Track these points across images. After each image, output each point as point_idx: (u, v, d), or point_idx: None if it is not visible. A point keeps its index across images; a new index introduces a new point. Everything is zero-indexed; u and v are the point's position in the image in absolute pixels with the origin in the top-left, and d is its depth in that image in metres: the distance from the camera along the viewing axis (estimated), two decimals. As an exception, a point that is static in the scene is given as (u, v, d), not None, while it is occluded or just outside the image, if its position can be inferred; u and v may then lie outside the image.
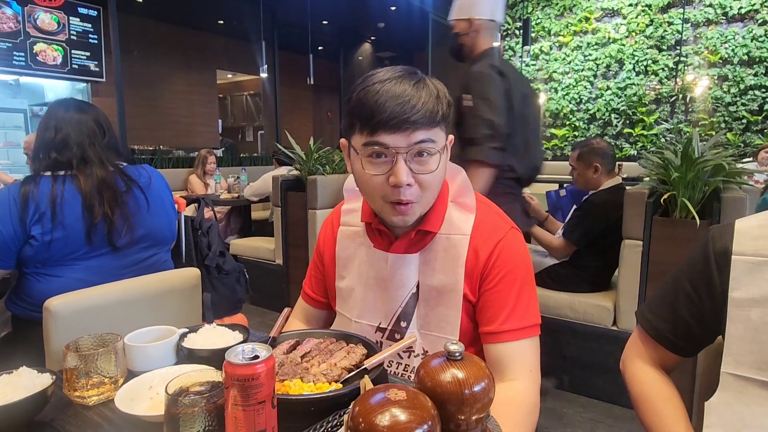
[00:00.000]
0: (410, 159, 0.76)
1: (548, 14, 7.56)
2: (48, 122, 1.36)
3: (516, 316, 0.82)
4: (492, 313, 0.83)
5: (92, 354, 0.72)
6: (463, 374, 0.37)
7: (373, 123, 0.75)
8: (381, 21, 7.88)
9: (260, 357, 0.54)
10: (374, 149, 0.76)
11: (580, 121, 7.44)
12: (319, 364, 0.75)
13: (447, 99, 0.79)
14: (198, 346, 0.82)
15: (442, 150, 0.78)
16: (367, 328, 0.91)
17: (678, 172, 1.96)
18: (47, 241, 1.25)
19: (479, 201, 0.90)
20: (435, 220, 0.86)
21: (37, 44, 5.37)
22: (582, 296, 2.27)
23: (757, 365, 0.66)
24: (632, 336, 0.88)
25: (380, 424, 0.31)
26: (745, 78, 6.13)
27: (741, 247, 0.70)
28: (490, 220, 0.87)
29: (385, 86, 0.75)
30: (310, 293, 1.06)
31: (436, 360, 0.40)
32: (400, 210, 0.79)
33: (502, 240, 0.84)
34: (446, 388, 0.37)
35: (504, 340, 0.82)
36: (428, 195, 0.80)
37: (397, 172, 0.75)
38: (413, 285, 0.87)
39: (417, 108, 0.74)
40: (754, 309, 0.67)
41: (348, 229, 0.97)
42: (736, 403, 0.68)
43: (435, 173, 0.78)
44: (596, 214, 2.23)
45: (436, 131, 0.77)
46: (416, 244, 0.87)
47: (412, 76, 0.78)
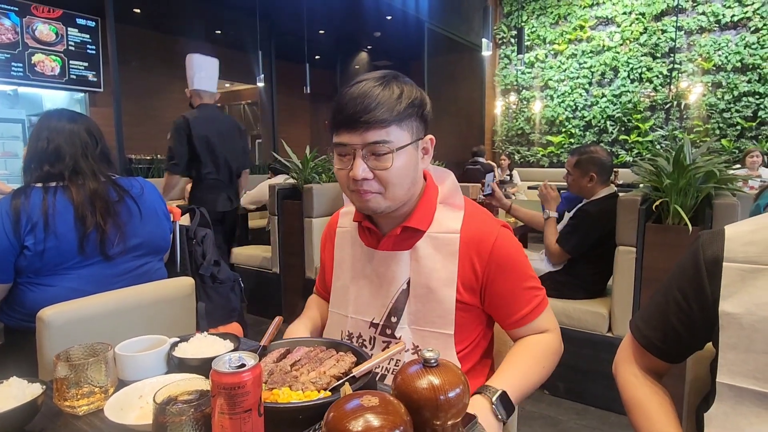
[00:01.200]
0: (367, 155, 0.82)
1: (543, 23, 7.63)
2: (40, 133, 1.36)
3: (530, 299, 0.91)
4: (510, 307, 0.91)
5: (82, 364, 0.73)
6: (439, 381, 0.38)
7: (335, 122, 0.83)
8: (377, 30, 7.94)
9: (246, 365, 0.55)
10: (338, 143, 0.84)
11: (576, 128, 7.48)
12: (308, 372, 0.76)
13: (410, 100, 0.82)
14: (189, 355, 0.82)
15: (401, 149, 0.82)
16: (362, 323, 0.95)
17: (670, 178, 1.98)
18: (40, 250, 1.25)
19: (467, 202, 0.96)
20: (422, 218, 0.91)
21: (35, 55, 5.40)
22: (577, 303, 2.28)
23: (753, 375, 0.66)
24: (624, 341, 0.89)
25: (353, 429, 0.32)
26: (739, 85, 6.19)
27: (732, 253, 0.69)
28: (479, 219, 0.92)
29: (352, 88, 0.82)
30: (320, 289, 1.15)
31: (413, 367, 0.41)
32: (360, 197, 0.85)
33: (497, 240, 0.89)
34: (422, 394, 0.38)
35: (527, 322, 0.92)
36: (392, 190, 0.84)
37: (354, 167, 0.82)
38: (404, 281, 0.91)
39: (370, 108, 0.79)
40: (746, 317, 0.66)
41: (343, 229, 1.03)
42: (733, 414, 0.67)
43: (391, 170, 0.82)
44: (590, 224, 2.24)
45: (391, 130, 0.81)
46: (404, 241, 0.91)
47: (380, 79, 0.83)
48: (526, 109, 8.00)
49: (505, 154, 7.49)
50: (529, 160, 8.06)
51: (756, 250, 0.67)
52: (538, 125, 7.93)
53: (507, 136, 8.28)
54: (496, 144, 8.42)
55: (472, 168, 5.81)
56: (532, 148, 8.03)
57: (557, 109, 7.62)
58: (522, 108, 8.04)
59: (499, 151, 8.28)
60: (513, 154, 8.15)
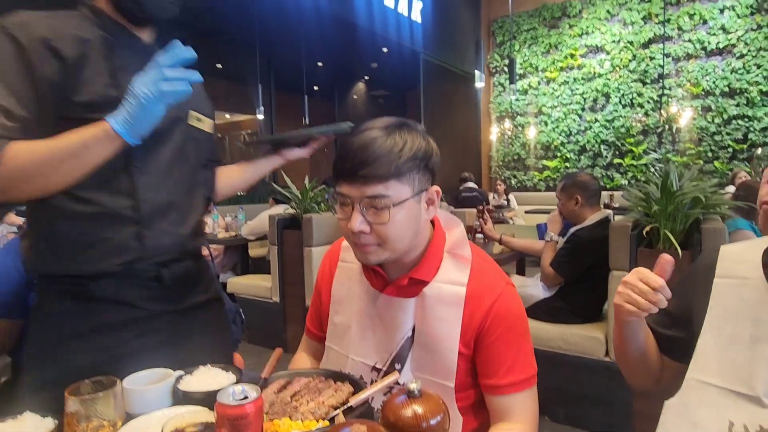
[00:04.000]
0: (366, 208, 0.80)
1: (535, 52, 7.85)
2: None
3: (516, 370, 0.86)
4: (493, 367, 0.86)
5: (92, 398, 0.76)
6: (422, 409, 0.42)
7: (336, 172, 0.83)
8: (374, 61, 8.15)
9: (249, 398, 0.59)
10: (339, 193, 0.83)
11: (571, 152, 7.61)
12: (307, 402, 0.79)
13: (411, 153, 0.81)
14: (193, 388, 0.86)
15: (399, 205, 0.80)
16: (363, 367, 0.93)
17: (658, 205, 2.03)
18: None
19: (475, 254, 0.93)
20: (428, 269, 0.89)
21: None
22: (574, 328, 2.30)
23: (720, 373, 0.74)
24: None
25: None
26: (728, 108, 6.33)
27: (723, 269, 0.79)
28: (486, 275, 0.90)
29: (356, 138, 0.81)
30: (312, 329, 1.10)
31: (399, 397, 0.45)
32: (360, 249, 0.85)
33: (500, 297, 0.87)
34: (406, 422, 0.42)
35: (506, 393, 0.86)
36: (392, 243, 0.83)
37: (351, 221, 0.81)
38: (409, 329, 0.90)
39: (368, 162, 0.78)
40: (728, 325, 0.75)
41: (346, 265, 1.01)
42: (693, 406, 0.75)
43: (389, 224, 0.80)
44: (584, 250, 2.29)
45: (390, 184, 0.79)
46: (410, 289, 0.90)
47: (384, 129, 0.82)
48: (521, 134, 8.15)
49: (501, 179, 7.59)
50: (525, 184, 8.16)
51: (744, 267, 0.77)
52: (533, 150, 8.06)
53: (503, 162, 8.40)
54: (493, 169, 8.54)
55: (469, 195, 5.88)
56: (528, 173, 8.15)
57: (552, 135, 7.76)
58: (517, 134, 8.19)
59: (496, 176, 8.40)
60: (510, 179, 8.26)
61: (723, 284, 0.79)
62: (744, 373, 0.72)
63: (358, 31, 5.65)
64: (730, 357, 0.74)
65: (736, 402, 0.72)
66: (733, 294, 0.77)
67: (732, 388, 0.73)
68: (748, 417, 0.70)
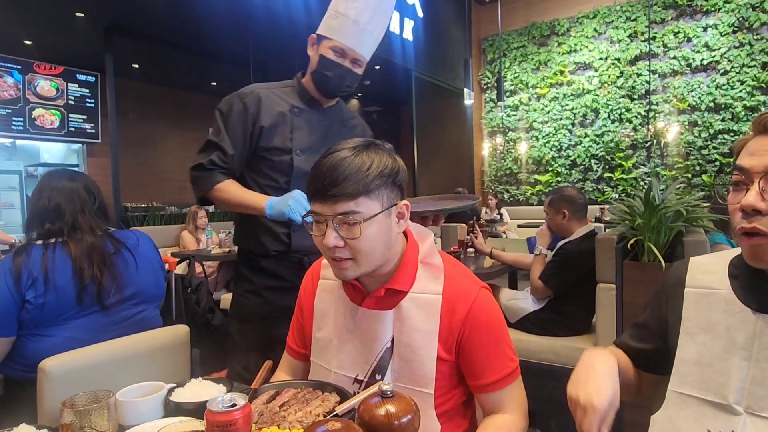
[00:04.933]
0: (339, 225, 0.85)
1: (525, 68, 8.00)
2: (41, 192, 1.45)
3: (499, 367, 0.91)
4: (478, 369, 0.91)
5: (87, 410, 0.79)
6: (394, 409, 0.46)
7: (309, 192, 0.87)
8: (367, 79, 8.26)
9: (237, 405, 0.62)
10: (313, 212, 0.87)
11: (562, 166, 7.71)
12: (295, 412, 0.82)
13: (378, 171, 0.85)
14: (184, 399, 0.88)
15: (369, 219, 0.84)
16: (345, 379, 0.96)
17: (642, 218, 2.09)
18: (41, 303, 1.31)
19: (446, 261, 0.98)
20: (404, 280, 0.93)
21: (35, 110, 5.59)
22: (563, 340, 2.33)
23: (698, 384, 0.76)
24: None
25: (319, 447, 0.39)
26: (714, 123, 6.46)
27: (693, 280, 0.82)
28: (459, 281, 0.94)
29: (325, 159, 0.86)
30: (293, 346, 1.12)
31: (373, 398, 0.48)
32: (336, 265, 0.89)
33: (475, 301, 0.91)
34: (379, 420, 0.45)
35: (495, 390, 0.92)
36: (365, 257, 0.87)
37: (326, 236, 0.85)
38: (388, 340, 0.93)
39: (338, 182, 0.82)
40: (701, 335, 0.78)
41: (327, 282, 1.05)
42: (676, 418, 0.77)
43: (360, 239, 0.84)
44: (572, 263, 2.33)
45: (360, 201, 0.83)
46: (387, 300, 0.93)
47: (353, 150, 0.86)
48: (512, 149, 8.25)
49: (492, 194, 7.66)
50: (518, 198, 8.24)
51: (713, 278, 0.80)
52: (525, 165, 8.15)
53: (496, 176, 8.48)
54: (486, 184, 8.62)
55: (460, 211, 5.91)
56: (520, 187, 8.23)
57: (543, 149, 7.87)
58: (509, 149, 8.30)
59: (488, 191, 8.48)
60: (502, 194, 8.34)
61: (693, 294, 0.81)
62: (717, 382, 0.75)
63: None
64: (705, 367, 0.76)
65: (713, 411, 0.74)
66: (704, 304, 0.79)
67: (707, 398, 0.75)
68: (724, 425, 0.72)
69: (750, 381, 0.72)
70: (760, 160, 0.69)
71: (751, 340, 0.73)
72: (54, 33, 5.23)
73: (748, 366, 0.73)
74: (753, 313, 0.74)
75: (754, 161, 0.70)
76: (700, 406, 0.75)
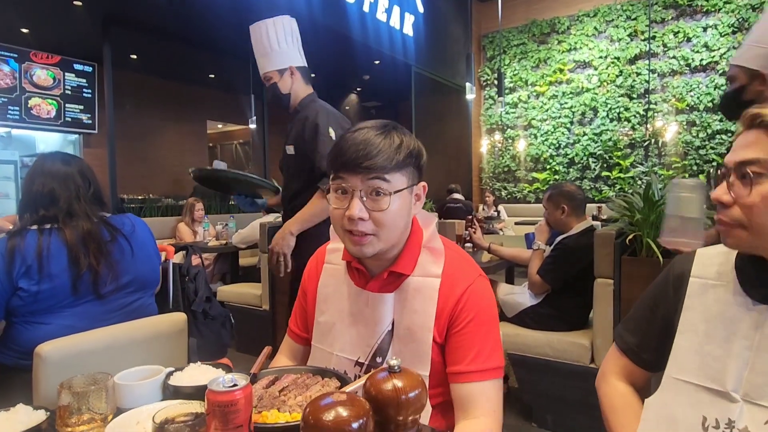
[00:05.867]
0: (365, 197, 0.85)
1: (524, 66, 7.99)
2: (34, 177, 1.41)
3: (481, 358, 0.89)
4: (459, 354, 0.90)
5: (84, 391, 0.78)
6: (401, 383, 0.45)
7: (336, 164, 0.87)
8: (366, 74, 8.24)
9: (239, 385, 0.62)
10: (337, 184, 0.87)
11: (560, 165, 7.72)
12: (295, 396, 0.82)
13: (408, 150, 0.88)
14: (183, 383, 0.88)
15: (397, 193, 0.86)
16: (347, 362, 0.97)
17: (641, 213, 2.09)
18: (35, 291, 1.30)
19: (447, 247, 0.98)
20: (407, 263, 0.94)
21: (32, 99, 5.54)
22: (560, 335, 2.33)
23: (696, 371, 0.77)
24: (609, 352, 0.98)
25: (326, 419, 0.39)
26: (712, 123, 6.48)
27: (698, 270, 0.83)
28: (458, 266, 0.95)
29: (354, 135, 0.87)
30: (295, 329, 1.13)
31: (380, 373, 0.48)
32: (354, 240, 0.88)
33: (471, 286, 0.92)
34: (387, 395, 0.45)
35: (470, 380, 0.88)
36: (386, 232, 0.88)
37: (351, 206, 0.85)
38: (389, 323, 0.94)
39: (371, 155, 0.84)
40: (702, 324, 0.79)
41: (331, 266, 1.05)
42: (672, 404, 0.78)
43: (387, 212, 0.86)
44: (570, 258, 2.33)
45: (391, 174, 0.86)
46: (390, 284, 0.94)
47: (380, 128, 0.88)
48: (511, 147, 8.25)
49: (489, 191, 7.66)
50: (515, 196, 8.25)
51: (717, 269, 0.81)
52: (523, 162, 8.16)
53: (494, 173, 8.49)
54: (484, 181, 8.63)
55: (454, 206, 5.93)
56: (518, 185, 8.24)
57: (541, 147, 7.87)
58: (507, 146, 8.30)
59: (486, 187, 8.48)
60: (500, 191, 8.35)
61: (698, 284, 0.82)
62: (716, 369, 0.76)
63: (351, 43, 5.72)
64: (705, 355, 0.77)
65: (710, 398, 0.75)
66: (708, 294, 0.80)
67: (705, 385, 0.76)
68: (720, 412, 0.73)
69: (750, 369, 0.73)
70: (735, 155, 0.73)
71: (753, 330, 0.74)
72: (51, 21, 5.19)
73: (749, 355, 0.73)
74: (757, 304, 0.75)
75: (731, 156, 0.74)
76: (697, 393, 0.76)
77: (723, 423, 0.73)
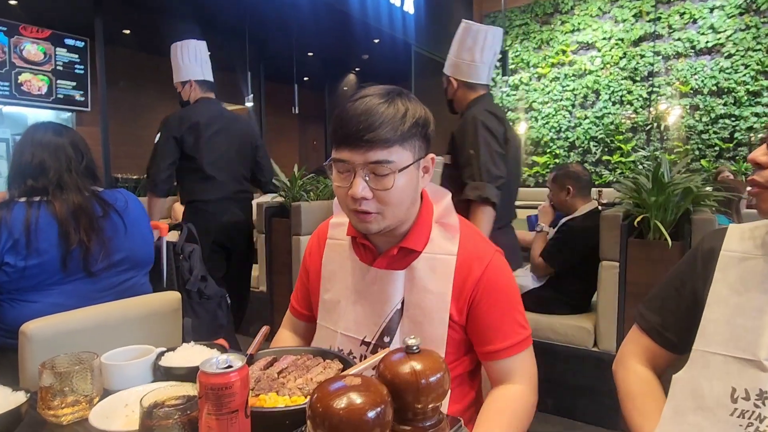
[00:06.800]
0: (368, 174, 0.80)
1: (527, 47, 7.84)
2: (24, 146, 1.36)
3: (511, 334, 0.88)
4: (489, 334, 0.88)
5: (68, 372, 0.73)
6: (421, 366, 0.39)
7: (336, 137, 0.81)
8: (365, 53, 8.09)
9: (234, 367, 0.56)
10: (339, 161, 0.81)
11: (561, 148, 7.63)
12: (295, 379, 0.77)
13: (414, 119, 0.81)
14: (175, 364, 0.82)
15: (402, 169, 0.80)
16: (353, 341, 0.93)
17: (650, 195, 2.03)
18: (21, 267, 1.24)
19: (462, 223, 0.93)
20: (418, 239, 0.89)
21: (22, 74, 5.40)
22: (563, 318, 2.30)
23: (725, 342, 0.75)
24: (629, 334, 0.94)
25: (337, 407, 0.33)
26: (715, 107, 6.39)
27: (730, 245, 0.80)
28: (474, 243, 0.91)
29: (356, 103, 0.80)
30: (297, 306, 1.09)
31: (396, 354, 0.42)
32: (360, 218, 0.83)
33: (490, 264, 0.88)
34: (404, 379, 0.39)
35: (505, 356, 0.88)
36: (392, 210, 0.83)
37: (354, 185, 0.80)
38: (398, 301, 0.89)
39: (374, 127, 0.77)
40: (733, 297, 0.76)
41: (335, 242, 1.00)
42: (699, 377, 0.75)
43: (391, 191, 0.80)
44: (575, 240, 2.29)
45: (394, 150, 0.79)
46: (400, 261, 0.89)
47: (384, 95, 0.81)
48: (511, 130, 8.15)
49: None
50: (515, 180, 8.18)
51: (750, 244, 0.78)
52: (523, 146, 8.07)
53: (493, 157, 8.40)
54: (483, 164, 8.54)
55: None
56: (518, 169, 8.16)
57: (542, 131, 7.78)
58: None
59: (486, 171, 8.39)
60: (499, 174, 8.26)
61: (730, 257, 0.79)
62: (748, 340, 0.73)
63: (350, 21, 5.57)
64: (736, 327, 0.75)
65: (739, 368, 0.73)
66: (740, 268, 0.77)
67: (735, 355, 0.74)
68: (750, 382, 0.71)
69: None
70: None
71: None
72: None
73: None
74: None
75: None
76: (726, 364, 0.74)
77: (754, 394, 0.70)
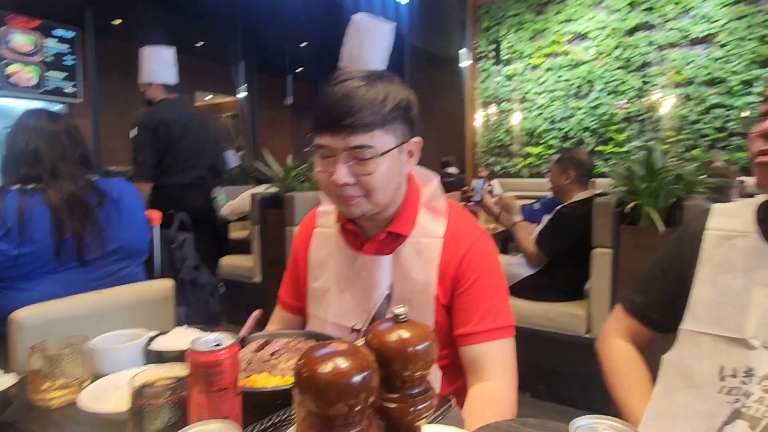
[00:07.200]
0: (350, 160, 0.79)
1: (521, 37, 7.81)
2: (17, 133, 1.34)
3: (489, 317, 0.84)
4: (466, 315, 0.85)
5: (58, 355, 0.72)
6: (408, 334, 0.40)
7: (317, 124, 0.80)
8: (359, 44, 8.03)
9: (222, 344, 0.56)
10: (320, 147, 0.81)
11: (555, 139, 7.64)
12: (287, 360, 0.77)
13: (395, 103, 0.80)
14: (167, 347, 0.82)
15: (383, 153, 0.79)
16: (343, 329, 0.92)
17: (643, 182, 2.04)
18: (14, 255, 1.23)
19: (451, 206, 0.93)
20: (405, 223, 0.89)
21: (11, 65, 5.32)
22: (556, 305, 2.31)
23: (713, 322, 0.75)
24: (612, 313, 0.96)
25: (323, 371, 0.33)
26: (708, 97, 6.41)
27: (715, 224, 0.81)
28: (461, 225, 0.90)
29: (336, 88, 0.79)
30: (286, 299, 1.08)
31: (384, 324, 0.42)
32: (344, 203, 0.83)
33: (474, 244, 0.87)
34: (391, 347, 0.39)
35: (479, 341, 0.84)
36: (376, 195, 0.82)
37: (335, 172, 0.79)
38: (387, 287, 0.89)
39: (353, 112, 0.76)
40: (720, 276, 0.77)
41: (323, 230, 1.00)
42: (688, 357, 0.76)
43: (374, 175, 0.79)
44: (568, 227, 2.29)
45: (375, 134, 0.78)
46: (387, 245, 0.89)
47: (366, 78, 0.80)
48: (505, 121, 8.14)
49: (483, 165, 7.58)
50: (509, 170, 8.18)
51: (735, 222, 0.79)
52: (517, 137, 8.07)
53: (488, 148, 8.40)
54: (477, 155, 8.54)
55: (447, 181, 5.87)
56: (512, 159, 8.16)
57: (536, 121, 7.77)
58: (502, 120, 8.19)
59: (479, 162, 8.40)
60: (494, 165, 8.27)
61: (715, 236, 0.80)
62: (734, 318, 0.74)
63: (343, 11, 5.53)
64: (722, 306, 0.75)
65: (727, 347, 0.74)
66: (726, 246, 0.78)
67: (722, 334, 0.74)
68: (737, 360, 0.72)
69: None
70: None
71: None
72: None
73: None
74: None
75: None
76: (714, 343, 0.75)
77: (741, 372, 0.71)
